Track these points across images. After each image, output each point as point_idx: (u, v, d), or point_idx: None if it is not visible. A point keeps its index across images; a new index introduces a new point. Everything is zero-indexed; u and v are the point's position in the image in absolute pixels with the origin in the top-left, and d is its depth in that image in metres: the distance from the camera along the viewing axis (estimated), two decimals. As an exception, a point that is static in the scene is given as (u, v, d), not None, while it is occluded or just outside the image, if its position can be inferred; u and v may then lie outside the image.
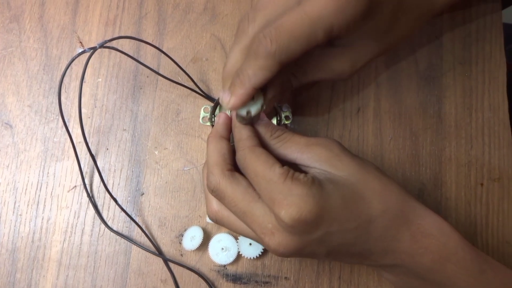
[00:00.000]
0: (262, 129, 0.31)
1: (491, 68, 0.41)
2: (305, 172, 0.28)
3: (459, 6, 0.41)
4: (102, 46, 0.35)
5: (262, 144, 0.30)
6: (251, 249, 0.36)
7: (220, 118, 0.32)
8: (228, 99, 0.29)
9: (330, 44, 0.33)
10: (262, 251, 0.36)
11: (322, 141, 0.29)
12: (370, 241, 0.28)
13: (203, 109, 0.37)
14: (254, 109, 0.30)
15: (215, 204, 0.30)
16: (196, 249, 0.36)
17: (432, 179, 0.38)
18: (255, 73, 0.28)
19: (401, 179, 0.39)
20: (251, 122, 0.32)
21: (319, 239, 0.27)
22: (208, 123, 0.37)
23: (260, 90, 0.31)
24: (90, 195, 0.38)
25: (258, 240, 0.29)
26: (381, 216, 0.27)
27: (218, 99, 0.37)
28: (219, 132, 0.31)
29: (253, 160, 0.28)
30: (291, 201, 0.26)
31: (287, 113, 0.37)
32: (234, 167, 0.30)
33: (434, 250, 0.28)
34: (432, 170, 0.39)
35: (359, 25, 0.28)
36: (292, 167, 0.28)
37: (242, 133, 0.30)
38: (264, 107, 0.31)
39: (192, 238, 0.36)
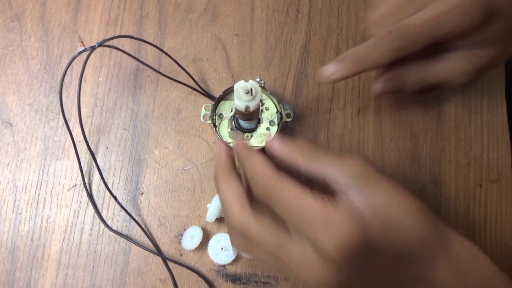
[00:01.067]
0: (288, 149, 0.28)
1: (490, 72, 0.41)
2: (334, 191, 0.27)
3: None
4: (101, 44, 0.35)
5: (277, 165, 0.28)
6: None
7: (221, 152, 0.30)
8: (336, 69, 0.31)
9: (452, 47, 0.34)
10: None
11: (355, 157, 0.27)
12: (405, 269, 0.26)
13: (204, 107, 0.38)
14: (252, 104, 0.30)
15: (239, 237, 0.28)
16: (196, 248, 0.36)
17: (432, 180, 0.39)
18: (375, 57, 0.31)
19: (401, 179, 0.39)
20: (250, 118, 0.32)
21: (363, 273, 0.25)
22: (209, 121, 0.37)
23: (259, 86, 0.31)
24: (90, 193, 0.38)
25: (295, 277, 0.26)
26: (418, 242, 0.26)
27: (220, 97, 0.37)
28: (226, 167, 0.29)
29: (281, 190, 0.26)
30: (335, 229, 0.23)
31: (289, 111, 0.37)
32: (252, 199, 0.28)
33: (471, 279, 0.26)
34: (432, 171, 0.39)
35: (477, 32, 0.31)
36: (318, 186, 0.27)
37: (257, 162, 0.27)
38: (263, 103, 0.31)
39: (192, 237, 0.36)
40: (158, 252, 0.37)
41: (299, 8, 0.42)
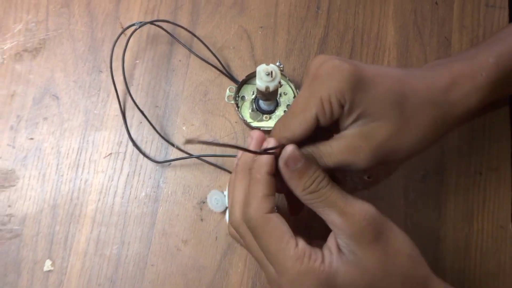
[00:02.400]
0: (293, 181, 0.28)
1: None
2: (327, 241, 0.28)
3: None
4: (141, 25, 0.41)
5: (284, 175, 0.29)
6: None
7: (247, 155, 0.30)
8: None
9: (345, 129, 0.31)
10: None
11: (358, 214, 0.27)
12: None
13: (229, 89, 0.42)
14: (272, 85, 0.34)
15: (234, 231, 0.31)
16: (218, 212, 0.40)
17: (435, 166, 0.42)
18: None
19: (406, 164, 0.42)
20: (269, 98, 0.36)
21: None
22: (232, 102, 0.41)
23: (279, 70, 0.35)
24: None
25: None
26: None
27: (243, 80, 0.41)
28: (247, 164, 0.30)
29: (266, 235, 0.27)
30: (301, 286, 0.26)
31: (304, 97, 0.41)
32: None
33: None
34: (435, 158, 0.42)
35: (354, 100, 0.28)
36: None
37: (256, 189, 0.28)
38: (282, 85, 0.35)
39: (216, 200, 0.40)
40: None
41: (319, 5, 0.46)
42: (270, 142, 0.29)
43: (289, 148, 0.28)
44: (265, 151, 0.28)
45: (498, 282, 0.39)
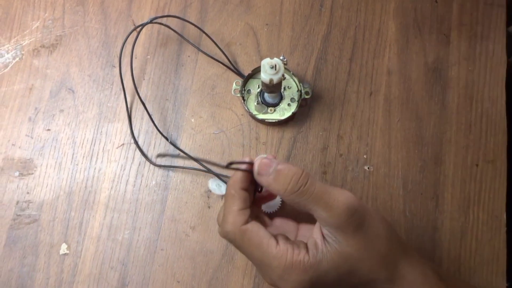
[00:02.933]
0: (273, 186, 0.29)
1: (492, 65, 0.46)
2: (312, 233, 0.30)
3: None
4: (151, 21, 0.43)
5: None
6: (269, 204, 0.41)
7: (239, 174, 0.31)
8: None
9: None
10: (280, 205, 0.41)
11: (342, 207, 0.28)
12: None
13: (235, 82, 0.44)
14: (276, 78, 0.36)
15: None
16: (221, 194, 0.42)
17: (433, 158, 0.43)
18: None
19: (405, 156, 0.44)
20: (274, 90, 0.38)
21: None
22: (238, 95, 0.43)
23: (283, 63, 0.37)
24: (129, 149, 0.45)
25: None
26: (367, 282, 0.29)
27: (248, 75, 0.44)
28: (238, 183, 0.31)
29: (246, 245, 0.29)
30: (289, 279, 0.28)
31: (308, 89, 0.43)
32: (250, 218, 0.30)
33: None
34: (433, 150, 0.44)
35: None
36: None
37: (231, 204, 0.30)
38: (285, 78, 0.37)
39: (218, 185, 0.42)
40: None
41: (323, 3, 0.48)
42: (246, 159, 0.31)
43: (258, 160, 0.30)
44: (228, 165, 0.30)
45: (492, 268, 0.41)
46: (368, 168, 0.44)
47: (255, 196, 0.33)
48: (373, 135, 0.44)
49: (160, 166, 0.44)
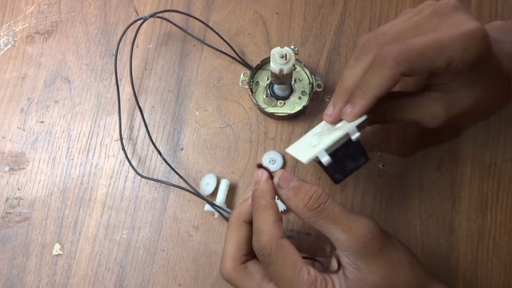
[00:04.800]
0: (292, 201, 0.29)
1: None
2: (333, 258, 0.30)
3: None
4: (152, 16, 0.40)
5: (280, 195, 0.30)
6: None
7: (242, 204, 0.31)
8: (350, 111, 0.30)
9: (430, 88, 0.33)
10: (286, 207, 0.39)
11: (362, 229, 0.28)
12: None
13: (243, 73, 0.41)
14: (286, 68, 0.34)
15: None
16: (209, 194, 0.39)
17: (450, 155, 0.41)
18: (379, 82, 0.29)
19: (421, 154, 0.42)
20: (284, 82, 0.35)
21: None
22: (246, 86, 0.41)
23: (293, 51, 0.35)
24: (125, 149, 0.42)
25: None
26: None
27: (257, 65, 0.41)
28: (242, 215, 0.31)
29: (280, 262, 0.27)
30: None
31: (319, 82, 0.41)
32: (250, 253, 0.30)
33: None
34: (451, 147, 0.42)
35: (471, 68, 0.29)
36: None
37: (267, 220, 0.28)
38: (295, 68, 0.34)
39: (207, 184, 0.39)
40: (196, 193, 0.40)
41: (336, -8, 0.46)
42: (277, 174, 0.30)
43: (279, 172, 0.30)
44: (259, 165, 0.30)
45: (510, 271, 0.39)
46: (382, 166, 0.41)
47: None
48: (387, 132, 0.42)
49: (147, 178, 0.40)
